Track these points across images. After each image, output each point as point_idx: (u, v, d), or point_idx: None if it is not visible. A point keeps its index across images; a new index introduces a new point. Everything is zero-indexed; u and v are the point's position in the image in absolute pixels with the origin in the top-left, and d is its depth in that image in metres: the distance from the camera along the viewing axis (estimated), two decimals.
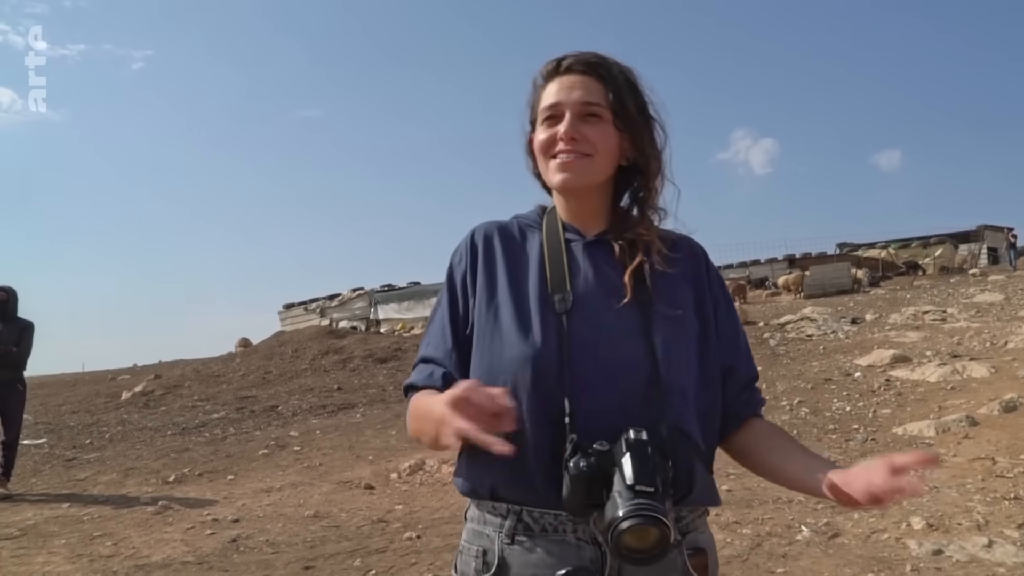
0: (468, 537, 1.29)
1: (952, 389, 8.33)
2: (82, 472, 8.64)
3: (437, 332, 1.38)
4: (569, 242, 1.36)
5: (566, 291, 1.28)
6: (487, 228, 1.42)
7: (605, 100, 1.31)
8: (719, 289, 1.40)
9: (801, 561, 4.26)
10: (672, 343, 1.26)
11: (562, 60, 1.34)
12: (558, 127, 1.31)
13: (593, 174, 1.32)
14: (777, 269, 32.74)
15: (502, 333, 1.28)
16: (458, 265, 1.40)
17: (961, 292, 18.36)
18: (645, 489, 1.03)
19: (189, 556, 5.13)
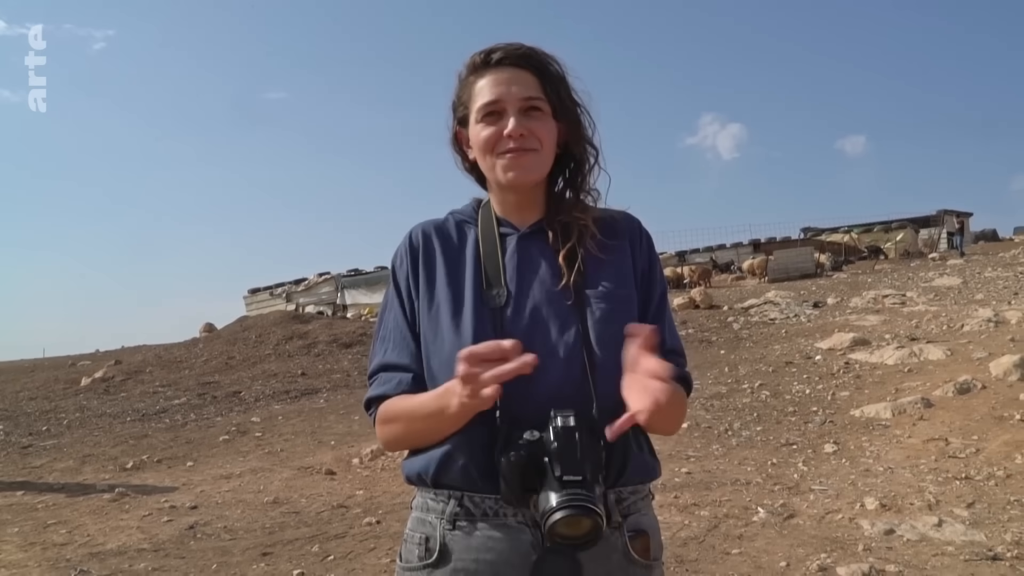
0: (412, 525, 1.31)
1: (909, 372, 8.48)
2: (38, 459, 8.49)
3: (395, 337, 1.37)
4: (504, 236, 1.37)
5: (501, 286, 1.30)
6: (424, 228, 1.42)
7: (543, 93, 1.31)
8: (647, 260, 1.41)
9: (757, 542, 4.32)
10: (607, 323, 1.27)
11: (491, 53, 1.33)
12: (501, 123, 1.30)
13: (542, 168, 1.34)
14: (742, 253, 33.06)
15: (442, 331, 1.29)
16: (400, 268, 1.40)
17: (921, 276, 18.67)
18: (573, 479, 1.05)
19: (145, 543, 5.06)
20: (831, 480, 5.40)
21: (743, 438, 6.90)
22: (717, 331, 13.52)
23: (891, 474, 5.38)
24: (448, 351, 1.25)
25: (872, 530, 4.31)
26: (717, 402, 8.40)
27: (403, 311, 1.37)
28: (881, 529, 4.29)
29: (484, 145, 1.32)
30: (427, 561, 1.25)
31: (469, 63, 1.36)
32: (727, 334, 13.13)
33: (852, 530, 4.38)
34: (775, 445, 6.56)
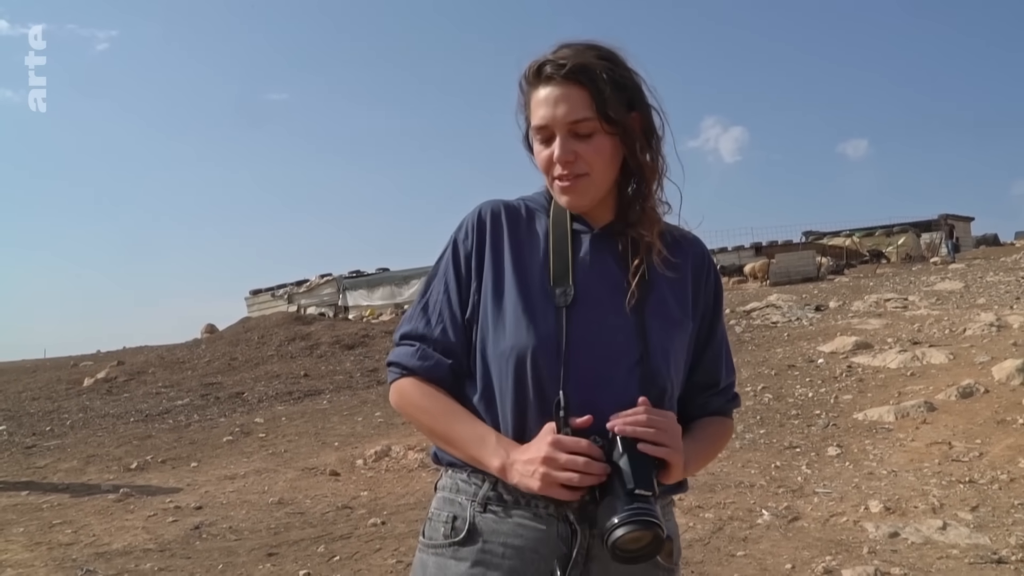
0: (438, 504, 1.31)
1: (912, 375, 8.49)
2: (42, 459, 8.50)
3: (441, 311, 1.34)
4: (576, 233, 1.34)
5: (568, 284, 1.27)
6: (495, 207, 1.38)
7: (592, 111, 1.24)
8: (715, 295, 1.41)
9: (761, 544, 4.33)
10: (666, 345, 1.28)
11: (543, 66, 1.27)
12: (552, 147, 1.27)
13: (595, 192, 1.30)
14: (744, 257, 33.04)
15: (504, 323, 1.27)
16: (463, 242, 1.36)
17: (922, 280, 18.68)
18: (644, 493, 1.05)
19: (151, 544, 5.08)
20: (835, 483, 5.41)
21: (746, 441, 6.91)
22: None
23: (895, 477, 5.39)
24: (508, 343, 1.25)
25: (877, 533, 4.32)
26: None
27: (457, 287, 1.34)
28: (886, 532, 4.30)
29: (541, 165, 1.32)
30: (454, 540, 1.25)
31: (526, 73, 1.31)
32: (730, 337, 13.10)
33: (857, 533, 4.39)
34: (778, 448, 6.57)
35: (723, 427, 1.42)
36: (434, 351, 1.32)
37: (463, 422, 1.26)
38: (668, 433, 1.14)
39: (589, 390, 1.21)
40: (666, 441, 1.12)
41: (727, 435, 1.46)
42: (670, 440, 1.13)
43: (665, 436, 1.13)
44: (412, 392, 1.32)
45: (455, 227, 1.40)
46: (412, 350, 1.33)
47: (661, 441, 1.12)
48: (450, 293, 1.34)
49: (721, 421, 1.42)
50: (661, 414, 1.15)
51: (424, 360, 1.32)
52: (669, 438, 1.13)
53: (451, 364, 1.31)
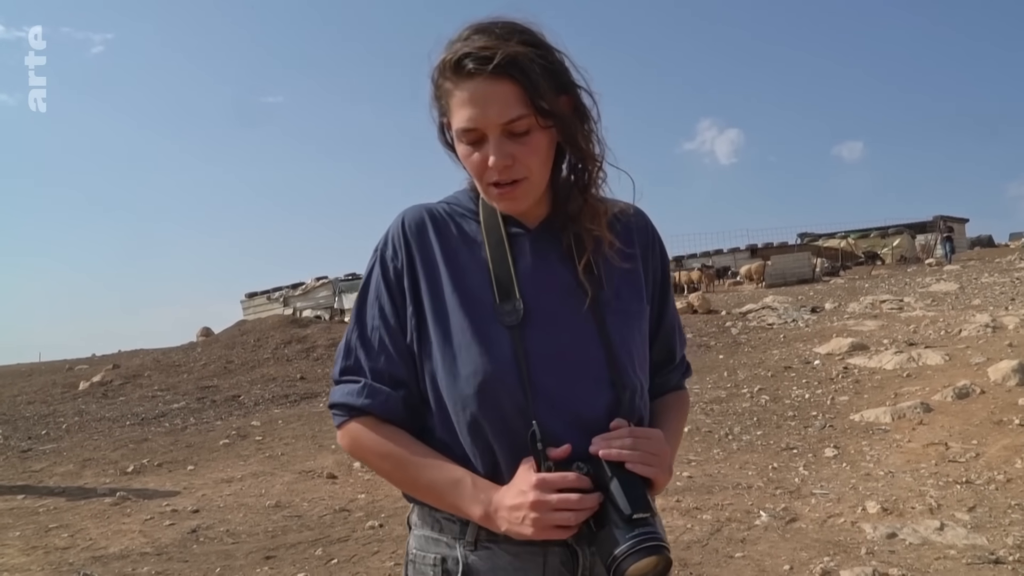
0: (420, 545, 1.22)
1: (908, 376, 8.50)
2: (38, 463, 8.47)
3: (380, 339, 1.21)
4: (513, 237, 1.22)
5: (515, 299, 1.16)
6: (418, 215, 1.25)
7: (526, 106, 1.11)
8: (662, 269, 1.34)
9: (759, 545, 4.33)
10: (628, 340, 1.21)
11: (463, 60, 1.11)
12: (484, 150, 1.13)
13: (535, 191, 1.18)
14: (739, 258, 33.13)
15: (453, 351, 1.15)
16: (392, 260, 1.23)
17: (918, 281, 18.74)
18: (642, 516, 0.99)
19: (148, 547, 5.06)
20: (832, 484, 5.42)
21: (744, 442, 6.92)
22: (716, 336, 13.54)
23: (892, 478, 5.40)
24: (463, 375, 1.14)
25: (874, 534, 4.32)
26: (717, 406, 8.43)
27: (394, 309, 1.21)
28: (883, 533, 4.31)
29: (473, 170, 1.17)
30: None
31: (441, 65, 1.15)
32: (726, 339, 13.16)
33: (854, 534, 4.40)
34: (776, 449, 6.58)
35: (683, 402, 1.39)
36: (382, 385, 1.19)
37: (432, 467, 1.15)
38: (654, 451, 1.08)
39: (561, 413, 1.12)
40: (652, 461, 1.07)
41: (687, 409, 1.42)
42: (656, 459, 1.08)
43: (651, 456, 1.07)
44: (366, 437, 1.19)
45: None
46: (357, 387, 1.20)
47: (648, 461, 1.06)
48: (387, 317, 1.21)
49: (680, 395, 1.39)
50: (645, 433, 1.10)
51: (372, 397, 1.19)
52: (655, 456, 1.08)
53: (402, 396, 1.19)
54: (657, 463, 1.07)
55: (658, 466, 1.07)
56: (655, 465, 1.07)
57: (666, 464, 1.11)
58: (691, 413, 8.14)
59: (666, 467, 1.11)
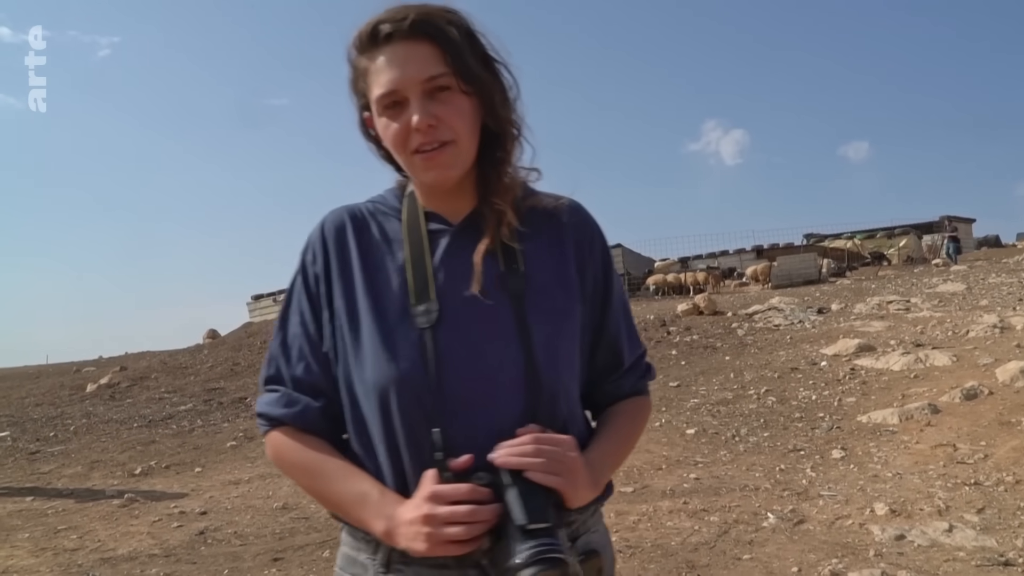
0: (341, 563, 1.19)
1: (915, 377, 8.48)
2: (46, 465, 8.52)
3: (299, 346, 1.18)
4: (434, 234, 1.18)
5: (430, 300, 1.11)
6: (338, 218, 1.22)
7: (446, 66, 1.08)
8: (603, 266, 1.25)
9: (767, 547, 4.33)
10: (554, 343, 1.13)
11: (379, 26, 1.09)
12: (406, 115, 1.09)
13: (464, 160, 1.14)
14: (745, 260, 33.05)
15: (363, 355, 1.12)
16: (312, 265, 1.20)
17: (924, 282, 18.66)
18: (539, 527, 0.92)
19: (156, 549, 5.09)
20: (840, 486, 5.41)
21: (750, 444, 6.91)
22: (722, 337, 13.52)
23: (900, 480, 5.38)
24: (372, 379, 1.10)
25: (883, 535, 4.31)
26: (724, 408, 8.41)
27: (314, 316, 1.18)
28: (892, 534, 4.30)
29: (393, 142, 1.12)
30: None
31: (356, 41, 1.13)
32: (732, 340, 13.13)
33: (863, 535, 4.39)
34: (783, 451, 6.57)
35: (638, 408, 1.28)
36: (301, 394, 1.17)
37: (341, 479, 1.11)
38: (559, 459, 1.00)
39: (468, 420, 1.06)
40: (556, 469, 0.99)
41: (645, 415, 1.30)
42: (561, 467, 1.00)
43: (556, 464, 0.99)
44: (284, 447, 1.17)
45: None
46: (276, 396, 1.18)
47: (551, 469, 0.98)
48: (307, 325, 1.18)
49: (634, 403, 1.27)
50: (551, 440, 1.02)
51: (290, 407, 1.16)
52: (560, 465, 1.00)
53: (321, 406, 1.16)
54: (563, 471, 0.99)
55: (564, 475, 0.99)
56: (560, 474, 0.99)
57: (577, 473, 1.02)
58: (698, 415, 8.17)
59: (579, 477, 1.02)
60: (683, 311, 16.35)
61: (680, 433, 7.47)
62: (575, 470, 1.02)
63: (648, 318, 16.02)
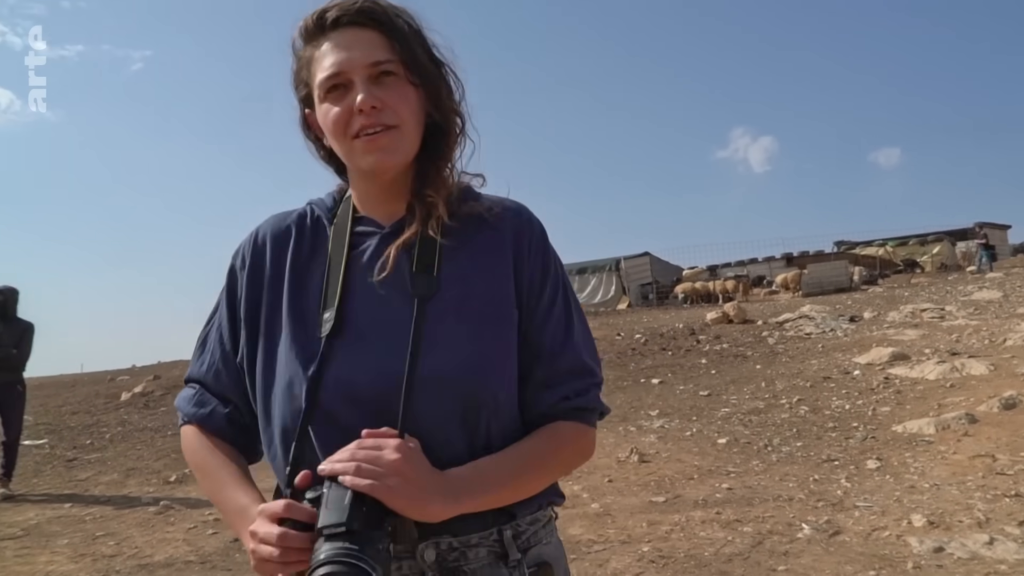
0: None
1: (951, 387, 8.35)
2: (83, 472, 8.65)
3: (213, 352, 1.20)
4: (362, 236, 1.15)
5: (333, 308, 1.09)
6: (274, 224, 1.21)
7: (393, 53, 1.08)
8: (542, 270, 1.18)
9: (803, 559, 4.28)
10: (473, 345, 1.08)
11: (325, 12, 1.09)
12: (349, 98, 1.07)
13: (406, 147, 1.11)
14: (774, 267, 32.79)
15: (280, 367, 1.10)
16: (240, 271, 1.20)
17: (959, 290, 18.38)
18: (335, 531, 0.89)
19: (192, 556, 5.14)
20: (876, 497, 5.34)
21: (783, 454, 6.84)
22: (752, 346, 13.42)
23: (937, 491, 5.30)
24: (282, 394, 1.08)
25: (921, 548, 4.25)
26: (755, 417, 8.35)
27: (231, 323, 1.18)
28: (930, 547, 4.24)
29: (334, 127, 1.09)
30: None
31: (302, 28, 1.12)
32: (762, 349, 13.03)
33: (900, 547, 4.33)
34: (816, 461, 6.50)
35: (559, 435, 1.14)
36: (212, 397, 1.18)
37: (229, 488, 1.11)
38: (373, 461, 0.94)
39: (343, 432, 1.00)
40: (367, 473, 0.92)
41: (568, 444, 1.14)
42: (374, 471, 0.93)
43: (368, 468, 0.93)
44: (189, 445, 1.18)
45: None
46: (191, 394, 1.20)
47: (361, 473, 0.92)
48: (223, 331, 1.19)
49: (556, 428, 1.14)
50: (374, 443, 0.96)
51: (200, 407, 1.18)
52: (373, 469, 0.93)
53: (228, 412, 1.17)
54: (376, 475, 0.92)
55: (376, 478, 0.92)
56: (372, 478, 0.92)
57: (397, 477, 0.94)
58: (728, 424, 8.11)
59: (401, 480, 0.94)
60: (712, 319, 16.26)
61: (711, 442, 7.42)
62: (395, 473, 0.93)
63: (677, 326, 15.95)
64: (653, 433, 8.02)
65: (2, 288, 7.63)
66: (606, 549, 4.67)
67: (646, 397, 10.15)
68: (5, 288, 7.65)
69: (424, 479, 0.97)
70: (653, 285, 29.59)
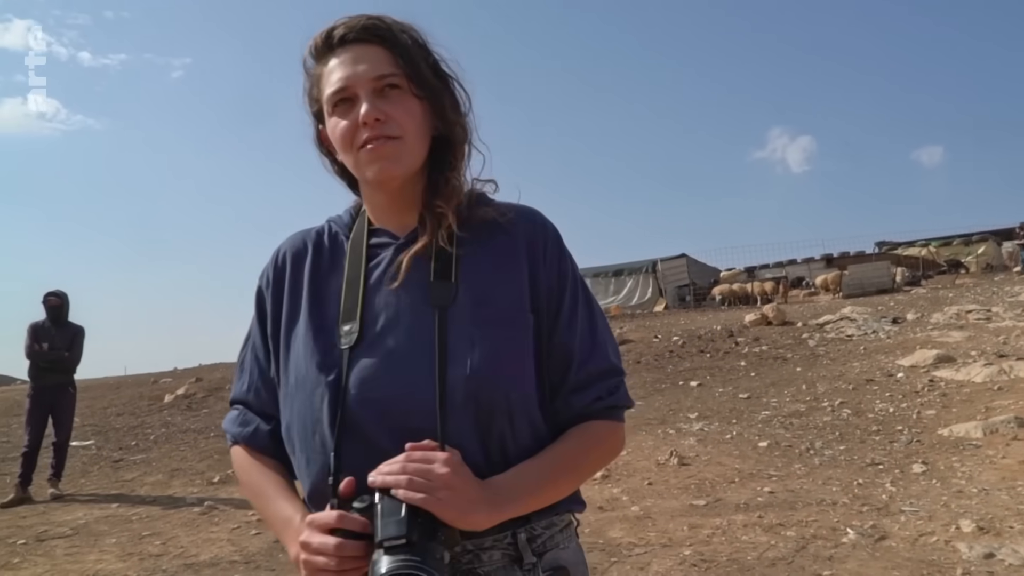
0: None
1: (999, 389, 8.16)
2: (129, 473, 8.83)
3: (252, 372, 1.24)
4: (378, 248, 1.19)
5: (355, 320, 1.12)
6: (294, 243, 1.26)
7: (397, 67, 1.12)
8: (559, 274, 1.20)
9: (848, 564, 4.22)
10: (489, 352, 1.09)
11: (332, 30, 1.14)
12: (355, 111, 1.11)
13: (408, 158, 1.14)
14: (814, 269, 32.34)
15: (300, 377, 1.13)
16: (265, 291, 1.25)
17: (1006, 290, 17.97)
18: (395, 544, 0.92)
19: (236, 556, 5.22)
20: (922, 501, 5.24)
21: (826, 457, 6.75)
22: (792, 348, 13.24)
23: (986, 496, 5.19)
24: (305, 403, 1.11)
25: (970, 553, 4.16)
26: (796, 420, 8.24)
27: (263, 346, 1.22)
28: (980, 552, 4.15)
29: (342, 140, 1.14)
30: None
31: (311, 47, 1.17)
32: (803, 351, 12.85)
33: (949, 553, 4.24)
34: (860, 465, 6.39)
35: (591, 434, 1.17)
36: (254, 415, 1.22)
37: (274, 501, 1.14)
38: (425, 475, 0.97)
39: (374, 442, 1.05)
40: (420, 486, 0.95)
41: (600, 444, 1.18)
42: (425, 484, 0.96)
43: (420, 482, 0.96)
44: (238, 464, 1.22)
45: None
46: (236, 415, 1.24)
47: (414, 487, 0.95)
48: (257, 352, 1.23)
49: (588, 428, 1.17)
50: (422, 456, 0.99)
51: (244, 427, 1.22)
52: (425, 483, 0.96)
53: (271, 429, 1.20)
54: (428, 489, 0.96)
55: (429, 492, 0.95)
56: (425, 491, 0.95)
57: (448, 490, 0.97)
58: (769, 427, 8.01)
59: (451, 493, 0.97)
60: (751, 321, 16.08)
61: (752, 445, 7.34)
62: (445, 487, 0.97)
63: (715, 328, 15.80)
64: (692, 436, 7.96)
65: (57, 292, 7.83)
66: (647, 552, 4.65)
67: (685, 400, 10.07)
68: (60, 292, 7.86)
69: (471, 490, 1.01)
70: (690, 287, 29.35)
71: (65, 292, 7.91)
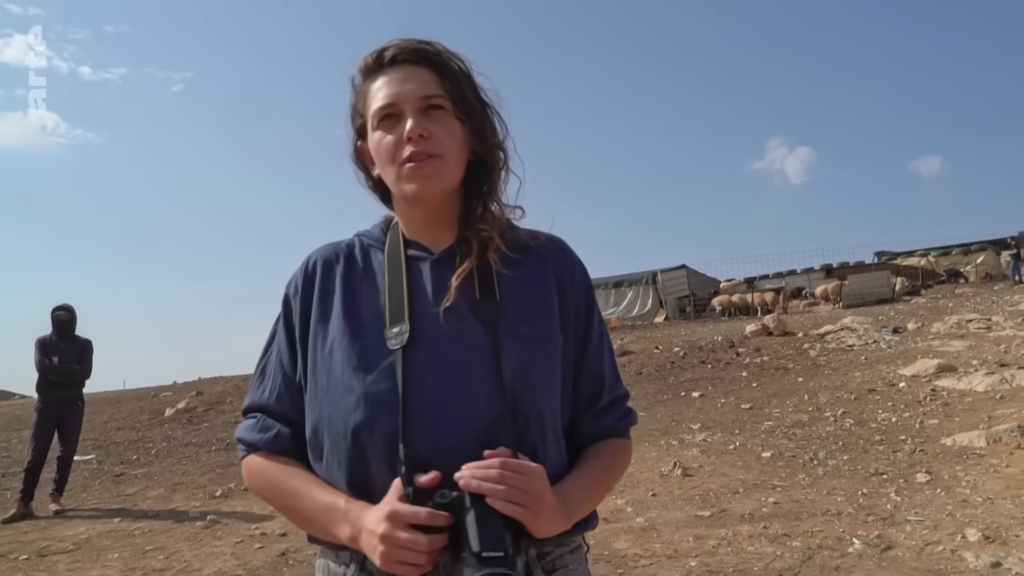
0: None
1: (1001, 398, 8.17)
2: (131, 487, 8.80)
3: (275, 378, 1.24)
4: (414, 261, 1.22)
5: (403, 323, 1.14)
6: (324, 253, 1.28)
7: (443, 90, 1.17)
8: (585, 300, 1.27)
9: (855, 574, 4.21)
10: (528, 368, 1.14)
11: (384, 51, 1.19)
12: (399, 128, 1.16)
13: (448, 176, 1.18)
14: (814, 279, 32.36)
15: (336, 377, 1.14)
16: (293, 298, 1.26)
17: (1006, 300, 17.99)
18: (493, 555, 0.92)
19: (240, 570, 5.20)
20: (927, 511, 5.23)
21: (829, 467, 6.74)
22: (793, 358, 13.25)
23: (991, 505, 5.18)
24: (343, 401, 1.12)
25: (977, 563, 4.16)
26: (799, 431, 8.23)
27: (289, 348, 1.24)
28: (987, 562, 4.14)
29: (384, 154, 1.18)
30: None
31: (361, 65, 1.22)
32: (804, 361, 12.85)
33: (955, 562, 4.23)
34: (864, 475, 6.39)
35: (618, 451, 1.26)
36: (274, 421, 1.22)
37: (310, 493, 1.14)
38: (523, 489, 0.99)
39: (435, 439, 1.07)
40: (518, 498, 0.98)
41: (624, 459, 1.28)
42: (524, 496, 0.99)
43: (519, 493, 0.98)
44: (259, 469, 1.21)
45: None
46: (253, 423, 1.24)
47: (513, 498, 0.97)
48: (282, 357, 1.24)
49: (614, 444, 1.26)
50: (519, 467, 1.01)
51: (264, 432, 1.21)
52: (523, 494, 0.99)
53: (292, 432, 1.20)
54: (526, 501, 0.99)
55: (528, 505, 0.98)
56: (523, 504, 0.98)
57: (542, 504, 1.01)
58: (772, 437, 8.01)
59: (543, 508, 1.01)
60: (752, 332, 16.09)
61: (755, 456, 7.33)
62: (539, 501, 1.01)
63: (716, 339, 15.81)
64: (695, 447, 7.95)
65: (66, 306, 7.83)
66: (653, 564, 4.63)
67: (687, 411, 10.07)
68: (68, 306, 7.85)
69: (555, 503, 1.05)
70: (690, 298, 29.40)
71: (71, 306, 7.91)
